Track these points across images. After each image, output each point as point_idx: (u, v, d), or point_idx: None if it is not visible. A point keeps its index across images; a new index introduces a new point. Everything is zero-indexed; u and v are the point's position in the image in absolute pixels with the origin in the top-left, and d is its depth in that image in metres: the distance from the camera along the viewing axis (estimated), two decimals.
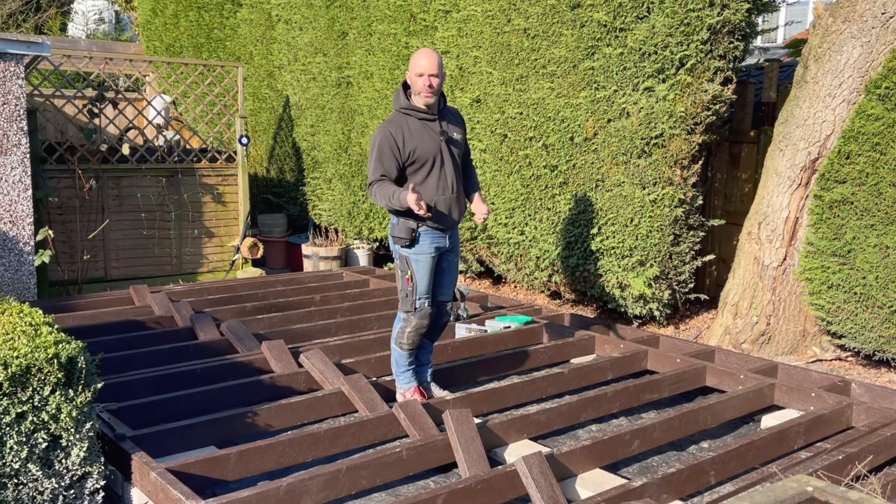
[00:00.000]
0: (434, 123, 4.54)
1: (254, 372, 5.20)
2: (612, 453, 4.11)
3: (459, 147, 4.66)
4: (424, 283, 4.59)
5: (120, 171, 8.63)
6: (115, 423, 4.22)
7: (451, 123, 4.63)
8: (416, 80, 4.42)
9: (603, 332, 6.32)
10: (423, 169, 4.51)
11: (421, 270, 4.58)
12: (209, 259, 9.34)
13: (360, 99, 9.15)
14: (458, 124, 4.69)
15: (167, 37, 13.36)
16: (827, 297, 5.78)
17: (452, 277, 4.82)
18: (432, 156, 4.51)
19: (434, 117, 4.54)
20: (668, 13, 6.13)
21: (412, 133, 4.47)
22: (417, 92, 4.44)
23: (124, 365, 5.27)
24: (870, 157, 5.48)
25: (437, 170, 4.54)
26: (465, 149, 4.79)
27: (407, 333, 4.63)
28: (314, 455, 4.12)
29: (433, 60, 4.40)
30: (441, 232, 4.61)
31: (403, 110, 4.53)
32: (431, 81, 4.40)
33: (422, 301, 4.60)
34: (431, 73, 4.39)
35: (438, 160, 4.53)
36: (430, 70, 4.39)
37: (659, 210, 6.47)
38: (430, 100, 4.45)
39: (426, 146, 4.49)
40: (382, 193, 4.43)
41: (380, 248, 10.07)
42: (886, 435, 4.17)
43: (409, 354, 4.74)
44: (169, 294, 7.07)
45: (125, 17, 19.78)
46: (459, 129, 4.68)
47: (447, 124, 4.59)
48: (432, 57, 4.42)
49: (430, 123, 4.53)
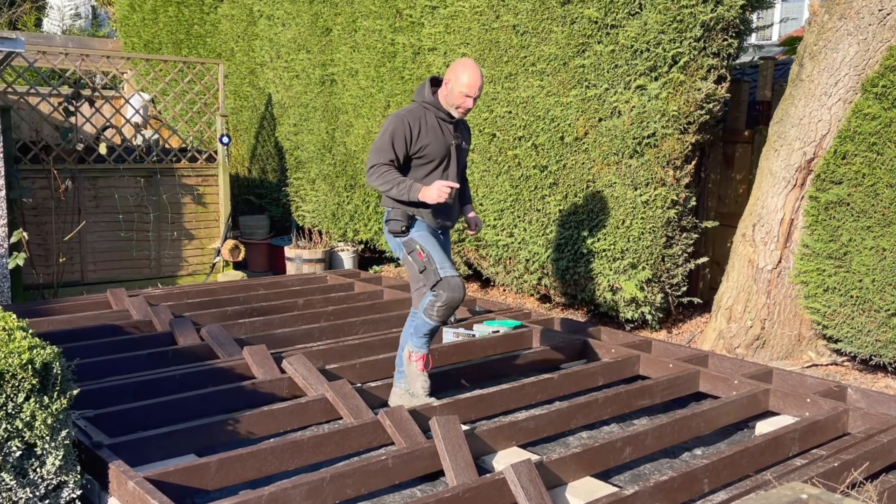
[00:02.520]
0: (450, 126, 4.71)
1: (235, 378, 5.19)
2: (604, 461, 4.12)
3: (464, 157, 4.90)
4: (438, 252, 4.63)
5: (97, 171, 8.59)
6: (92, 430, 4.20)
7: (463, 131, 4.87)
8: (459, 95, 4.57)
9: (594, 337, 6.34)
10: (429, 166, 4.67)
11: (428, 243, 4.65)
12: (189, 262, 9.31)
13: (344, 97, 9.15)
14: (467, 136, 4.94)
15: (146, 33, 13.32)
16: (823, 301, 5.82)
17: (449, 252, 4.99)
18: (441, 156, 4.68)
19: (452, 120, 4.70)
20: (661, 9, 6.16)
21: (428, 128, 4.63)
22: (455, 105, 4.61)
23: (101, 371, 5.25)
24: (866, 157, 5.52)
25: (441, 170, 4.70)
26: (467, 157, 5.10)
27: (437, 308, 4.58)
28: (297, 463, 4.11)
29: (482, 82, 4.61)
30: (434, 230, 4.79)
31: (426, 105, 4.68)
32: (471, 104, 4.63)
33: (444, 270, 4.56)
34: (477, 96, 4.61)
35: (446, 161, 4.71)
36: (477, 93, 4.59)
37: (651, 211, 6.49)
38: (460, 115, 4.69)
39: (438, 145, 4.65)
40: (390, 179, 4.55)
41: (365, 250, 10.07)
42: (883, 441, 4.20)
43: (434, 326, 4.71)
44: (147, 298, 7.04)
45: (102, 13, 19.72)
46: (468, 140, 4.94)
47: (460, 131, 4.82)
48: (482, 78, 4.61)
49: (446, 125, 4.70)
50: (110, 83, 10.91)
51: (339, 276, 8.50)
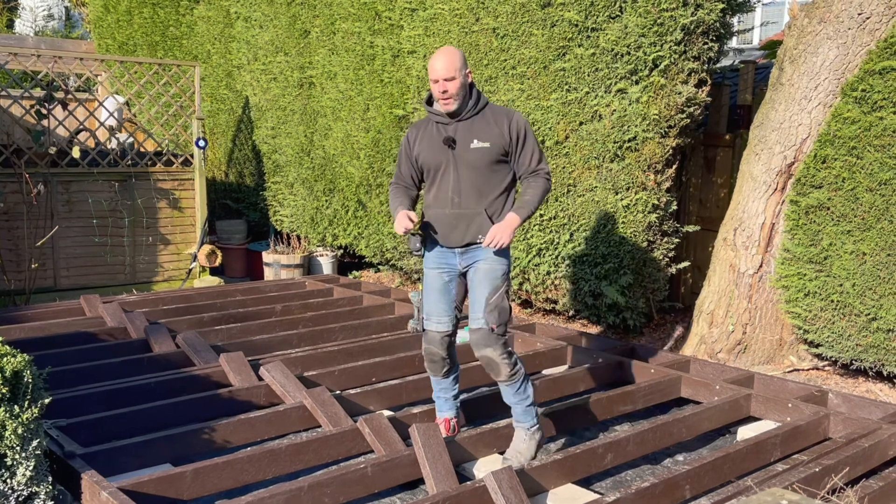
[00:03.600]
0: (449, 127, 4.14)
1: (211, 386, 5.17)
2: (585, 467, 4.14)
3: (484, 156, 4.08)
4: (430, 301, 4.28)
5: (70, 175, 8.53)
6: (65, 440, 4.17)
7: (476, 128, 4.10)
8: (432, 87, 4.07)
9: (575, 342, 6.36)
10: (429, 178, 4.23)
11: (427, 286, 4.31)
12: (164, 267, 9.26)
13: (322, 100, 9.14)
14: (492, 129, 4.09)
15: (120, 34, 13.24)
16: (803, 305, 5.86)
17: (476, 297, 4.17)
18: (435, 163, 4.16)
19: (449, 121, 4.13)
20: (641, 13, 6.20)
21: (424, 137, 4.21)
22: (436, 99, 4.10)
23: (74, 379, 5.21)
24: (846, 161, 5.57)
25: (439, 179, 4.18)
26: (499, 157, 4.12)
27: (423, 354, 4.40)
28: (274, 472, 4.09)
29: (446, 62, 3.99)
30: (449, 249, 4.22)
31: (427, 110, 4.23)
32: (446, 87, 4.01)
33: (427, 321, 4.28)
34: (445, 78, 3.99)
35: (443, 168, 4.14)
36: (444, 74, 3.99)
37: (632, 216, 6.53)
38: (449, 107, 4.06)
39: (432, 153, 4.16)
40: (391, 199, 4.31)
41: (344, 255, 10.05)
42: (864, 446, 4.23)
43: (436, 381, 4.49)
44: (122, 304, 7.00)
45: (76, 14, 19.60)
46: (489, 136, 4.08)
47: (467, 130, 4.10)
48: (446, 57, 4.01)
49: (444, 128, 4.15)
50: (84, 85, 10.83)
51: (317, 282, 8.48)
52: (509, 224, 4.04)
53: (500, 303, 4.12)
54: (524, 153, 4.14)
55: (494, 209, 4.14)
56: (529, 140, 4.15)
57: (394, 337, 6.33)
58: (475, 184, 4.11)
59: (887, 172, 5.36)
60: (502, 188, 4.17)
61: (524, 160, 4.15)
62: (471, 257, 4.19)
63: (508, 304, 4.19)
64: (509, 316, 4.19)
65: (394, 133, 8.32)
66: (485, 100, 4.19)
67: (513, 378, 4.16)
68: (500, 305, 4.11)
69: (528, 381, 4.25)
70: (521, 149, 4.13)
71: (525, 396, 4.22)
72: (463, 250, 4.20)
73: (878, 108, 5.42)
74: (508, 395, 4.24)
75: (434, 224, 4.22)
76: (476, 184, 4.11)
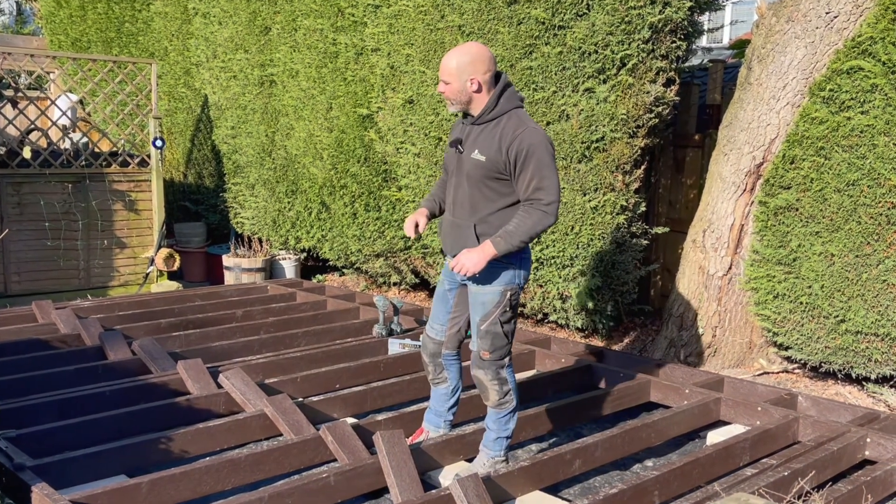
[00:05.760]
0: (466, 129, 4.08)
1: (168, 394, 5.13)
2: (553, 474, 4.16)
3: (478, 169, 3.95)
4: (434, 308, 4.48)
5: (20, 176, 8.42)
6: (14, 451, 4.12)
7: (482, 138, 3.96)
8: None
9: (543, 346, 6.39)
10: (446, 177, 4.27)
11: (438, 287, 4.49)
12: (120, 272, 9.17)
13: (284, 99, 9.10)
14: (493, 144, 3.90)
15: (73, 30, 13.10)
16: (772, 308, 5.94)
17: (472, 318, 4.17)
18: (449, 165, 4.16)
19: (473, 122, 4.04)
20: (609, 10, 6.25)
21: (454, 132, 4.17)
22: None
23: (25, 388, 5.15)
24: (814, 161, 5.66)
25: (451, 181, 4.15)
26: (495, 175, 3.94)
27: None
28: (234, 483, 4.07)
29: (445, 61, 3.95)
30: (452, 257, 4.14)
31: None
32: (442, 88, 3.98)
33: (429, 325, 4.51)
34: (441, 78, 3.99)
35: (452, 171, 4.12)
36: (440, 73, 3.99)
37: (600, 217, 6.58)
38: (450, 108, 4.05)
39: (449, 152, 4.17)
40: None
41: (308, 258, 10.02)
42: (833, 450, 4.30)
43: (432, 388, 4.61)
44: (76, 310, 6.93)
45: (27, 9, 19.34)
46: (488, 150, 3.91)
47: (476, 137, 3.99)
48: (449, 57, 3.95)
49: (464, 128, 4.10)
50: (35, 83, 10.70)
51: (280, 286, 8.45)
52: (482, 252, 3.86)
53: (492, 329, 4.06)
54: (522, 177, 3.86)
55: (485, 227, 3.97)
56: (531, 164, 3.82)
57: (358, 342, 6.32)
58: (469, 195, 4.02)
59: (855, 173, 5.45)
60: (498, 206, 3.97)
61: (521, 185, 3.88)
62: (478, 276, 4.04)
63: (503, 330, 4.08)
64: (507, 341, 4.11)
65: (357, 133, 8.32)
66: (509, 106, 3.97)
67: (500, 407, 4.18)
68: (491, 332, 4.06)
69: (514, 416, 4.25)
70: (518, 172, 3.86)
71: (504, 428, 4.23)
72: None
73: (845, 108, 5.51)
74: (490, 420, 4.26)
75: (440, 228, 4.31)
76: (470, 195, 4.02)
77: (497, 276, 4.00)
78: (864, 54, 5.44)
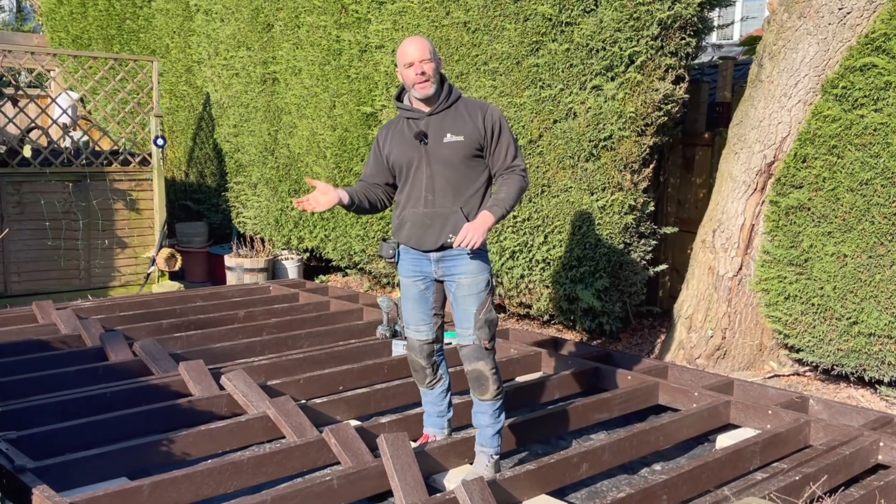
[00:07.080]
0: (420, 122, 4.12)
1: (170, 395, 5.13)
2: (559, 478, 4.16)
3: (458, 150, 4.06)
4: (407, 309, 4.32)
5: (21, 175, 8.45)
6: (14, 453, 4.12)
7: (448, 122, 4.08)
8: (406, 73, 4.05)
9: (550, 348, 6.39)
10: (402, 177, 4.20)
11: (404, 295, 4.34)
12: (121, 272, 9.19)
13: (287, 97, 9.12)
14: (466, 123, 4.07)
15: (74, 28, 13.13)
16: (784, 309, 5.93)
17: (462, 311, 4.15)
18: (408, 162, 4.13)
19: (419, 115, 4.12)
20: (617, 7, 6.25)
21: (395, 135, 4.20)
22: (411, 85, 4.06)
23: (25, 390, 5.16)
24: (827, 160, 5.65)
25: (412, 178, 4.15)
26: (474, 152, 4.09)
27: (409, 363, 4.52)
28: (236, 485, 4.08)
29: (419, 44, 4.04)
30: (423, 254, 4.18)
31: (399, 108, 4.23)
32: (422, 68, 4.01)
33: (407, 329, 4.37)
34: (422, 59, 4.01)
35: (414, 167, 4.13)
36: (419, 56, 4.01)
37: (608, 217, 6.57)
38: (427, 90, 4.03)
39: (403, 150, 4.14)
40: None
41: (311, 259, 10.03)
42: (845, 454, 4.29)
43: (423, 392, 4.56)
44: (76, 311, 6.94)
45: (27, 6, 19.39)
46: (463, 129, 4.06)
47: (440, 124, 4.08)
48: (418, 41, 4.07)
49: (415, 123, 4.13)
50: (36, 81, 10.72)
51: (282, 287, 8.45)
52: (482, 222, 3.95)
53: (488, 316, 4.14)
54: (499, 148, 4.09)
55: (470, 208, 4.10)
56: (505, 134, 4.09)
57: (362, 344, 6.32)
58: (450, 180, 4.08)
59: (868, 172, 5.44)
60: (478, 185, 4.13)
61: (499, 155, 4.10)
62: (448, 268, 4.14)
63: (495, 315, 4.20)
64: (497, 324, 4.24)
65: (361, 131, 8.32)
66: (457, 93, 4.16)
67: (497, 398, 4.20)
68: (489, 319, 4.14)
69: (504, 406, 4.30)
70: (496, 143, 4.08)
71: (499, 420, 4.26)
72: (438, 256, 4.14)
73: (858, 105, 5.50)
74: (484, 416, 4.24)
75: (407, 225, 4.18)
76: (451, 180, 4.08)
77: (485, 263, 4.16)
78: (878, 51, 5.43)
